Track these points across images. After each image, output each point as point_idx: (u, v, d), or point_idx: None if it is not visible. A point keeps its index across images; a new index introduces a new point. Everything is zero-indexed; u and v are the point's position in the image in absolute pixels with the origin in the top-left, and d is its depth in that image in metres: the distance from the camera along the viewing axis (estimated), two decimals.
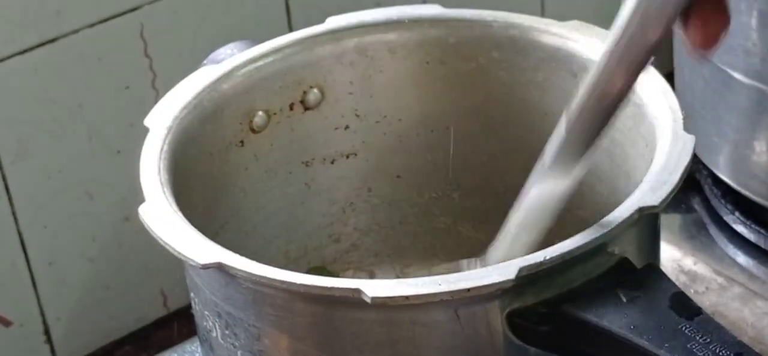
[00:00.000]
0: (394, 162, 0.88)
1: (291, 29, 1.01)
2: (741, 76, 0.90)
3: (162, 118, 0.77)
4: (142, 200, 0.71)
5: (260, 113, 0.83)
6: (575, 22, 0.82)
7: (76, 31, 0.92)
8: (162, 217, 0.69)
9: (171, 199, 0.71)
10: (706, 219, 0.99)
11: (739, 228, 0.96)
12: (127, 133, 0.95)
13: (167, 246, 0.68)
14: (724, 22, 0.65)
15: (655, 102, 0.74)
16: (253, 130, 0.83)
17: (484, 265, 0.71)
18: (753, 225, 0.95)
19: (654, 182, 0.68)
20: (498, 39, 0.83)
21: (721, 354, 0.60)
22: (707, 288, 0.92)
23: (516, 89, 0.84)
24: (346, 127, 0.86)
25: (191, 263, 0.67)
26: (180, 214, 0.70)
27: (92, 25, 0.93)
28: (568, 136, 0.68)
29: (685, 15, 0.65)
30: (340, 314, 0.66)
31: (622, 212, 0.66)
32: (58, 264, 0.97)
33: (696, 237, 0.97)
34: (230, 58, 0.82)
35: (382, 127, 0.87)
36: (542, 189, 0.70)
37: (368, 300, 0.63)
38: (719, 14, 0.65)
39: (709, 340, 0.61)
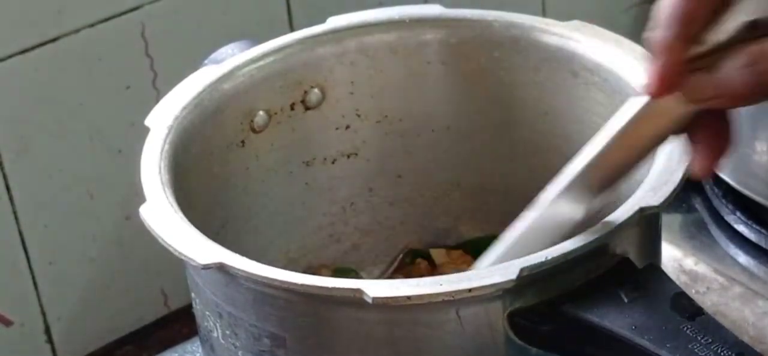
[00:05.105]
0: (395, 162, 0.88)
1: (292, 29, 1.01)
2: None
3: (163, 118, 0.77)
4: (142, 200, 0.71)
5: (261, 113, 0.83)
6: (576, 22, 0.82)
7: (76, 31, 0.92)
8: (163, 217, 0.69)
9: (172, 199, 0.71)
10: (707, 219, 0.98)
11: (740, 228, 0.96)
12: (127, 133, 0.95)
13: (168, 246, 0.68)
14: (726, 149, 0.64)
15: None
16: (253, 130, 0.83)
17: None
18: (754, 225, 0.95)
19: (655, 182, 0.68)
20: (499, 39, 0.83)
21: (722, 354, 0.60)
22: (708, 288, 0.91)
23: (517, 89, 0.84)
24: (347, 127, 0.86)
25: (192, 263, 0.67)
26: (181, 214, 0.70)
27: (93, 25, 0.93)
28: (588, 169, 0.67)
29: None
30: (341, 314, 0.66)
31: (623, 212, 0.66)
32: (59, 263, 0.97)
33: (697, 237, 0.97)
34: (231, 58, 0.82)
35: (383, 127, 0.87)
36: (552, 212, 0.68)
37: (369, 301, 0.63)
38: (720, 140, 0.64)
39: (710, 340, 0.61)
